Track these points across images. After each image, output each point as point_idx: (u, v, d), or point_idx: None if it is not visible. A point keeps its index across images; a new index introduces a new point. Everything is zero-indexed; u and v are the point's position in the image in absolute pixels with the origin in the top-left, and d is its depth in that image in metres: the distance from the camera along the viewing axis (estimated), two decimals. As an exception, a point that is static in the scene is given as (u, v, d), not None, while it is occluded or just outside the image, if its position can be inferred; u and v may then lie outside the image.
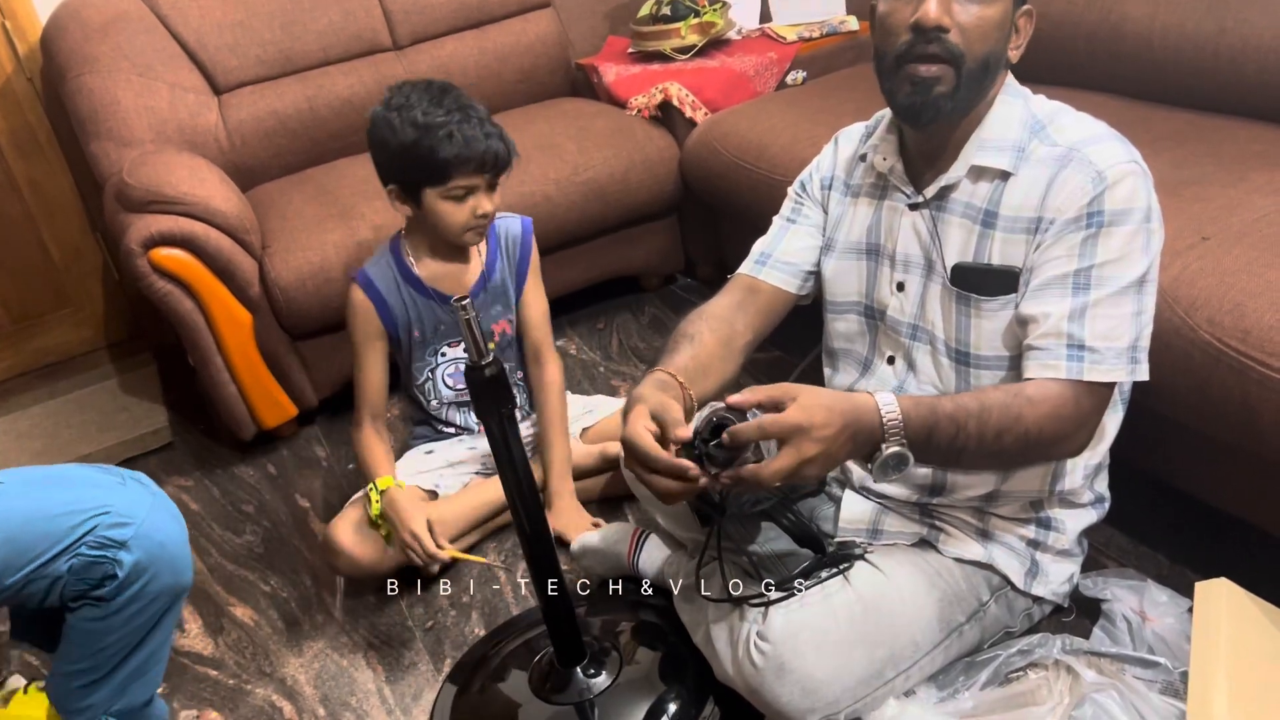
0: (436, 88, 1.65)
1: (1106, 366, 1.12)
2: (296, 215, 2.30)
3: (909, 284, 1.30)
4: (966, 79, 1.14)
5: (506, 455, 1.20)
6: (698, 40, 2.64)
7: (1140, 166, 1.14)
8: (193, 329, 2.11)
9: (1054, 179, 1.15)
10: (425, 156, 1.61)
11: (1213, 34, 1.80)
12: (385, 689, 1.61)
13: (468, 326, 1.12)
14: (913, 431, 1.07)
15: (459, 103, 1.64)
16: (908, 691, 1.26)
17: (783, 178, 2.10)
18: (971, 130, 1.21)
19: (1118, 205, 1.11)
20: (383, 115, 1.63)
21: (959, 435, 1.09)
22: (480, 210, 1.67)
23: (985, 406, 1.10)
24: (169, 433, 2.46)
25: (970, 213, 1.22)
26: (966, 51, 1.12)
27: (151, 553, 1.23)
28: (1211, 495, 1.51)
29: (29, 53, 2.60)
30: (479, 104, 1.67)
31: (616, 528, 1.69)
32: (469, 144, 1.60)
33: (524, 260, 1.86)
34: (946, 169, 1.22)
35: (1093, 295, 1.12)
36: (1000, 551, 1.30)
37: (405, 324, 1.80)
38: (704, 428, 1.07)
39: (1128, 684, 1.25)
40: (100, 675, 1.30)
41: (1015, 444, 1.10)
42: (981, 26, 1.12)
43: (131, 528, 1.22)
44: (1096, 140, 1.15)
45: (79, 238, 2.83)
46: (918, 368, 1.31)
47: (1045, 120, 1.20)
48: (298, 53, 2.59)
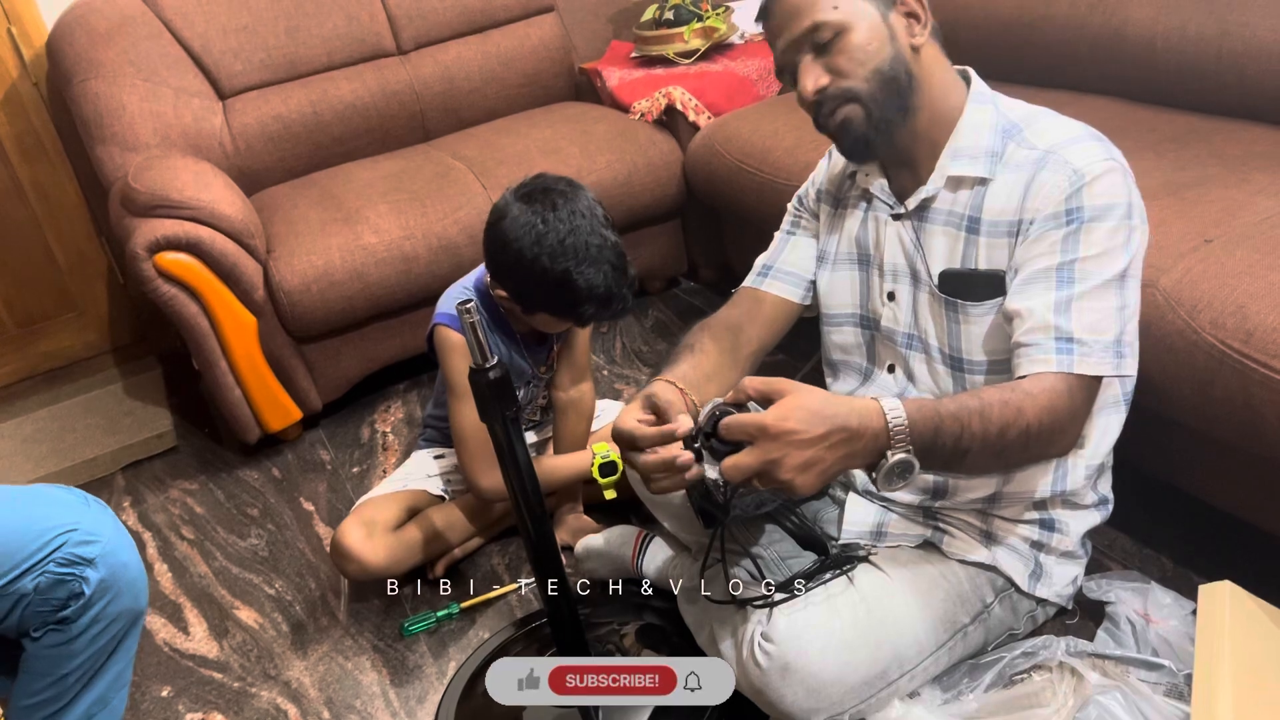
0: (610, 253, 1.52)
1: (1095, 359, 1.12)
2: (301, 219, 2.30)
3: (899, 293, 1.31)
4: (874, 102, 1.18)
5: (510, 458, 1.21)
6: (701, 45, 2.64)
7: (1119, 164, 1.15)
8: (197, 333, 2.12)
9: (1032, 181, 1.16)
10: (562, 298, 1.53)
11: (1215, 37, 1.80)
12: (390, 691, 1.61)
13: (471, 330, 1.12)
14: (918, 434, 1.04)
15: (617, 261, 1.53)
16: (912, 693, 1.26)
17: (786, 181, 2.10)
18: (944, 140, 1.22)
19: (1097, 201, 1.12)
20: (525, 224, 1.49)
21: (963, 435, 1.06)
22: (576, 340, 1.76)
23: (986, 403, 1.08)
24: (174, 436, 2.47)
25: (954, 220, 1.23)
26: (854, 83, 1.17)
27: (115, 572, 1.22)
28: (1214, 497, 1.51)
29: (35, 58, 2.61)
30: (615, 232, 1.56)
31: (620, 530, 1.69)
32: (608, 304, 1.54)
33: None
34: (925, 181, 1.24)
35: (1076, 289, 1.12)
36: (1004, 553, 1.30)
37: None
38: (705, 422, 1.08)
39: (1132, 686, 1.25)
40: (63, 704, 1.27)
41: (1018, 440, 1.08)
42: (854, 55, 1.16)
43: (99, 546, 1.20)
44: (1074, 141, 1.16)
45: (84, 242, 2.83)
46: (916, 376, 1.32)
47: (1022, 123, 1.21)
48: (302, 57, 2.60)
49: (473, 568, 1.83)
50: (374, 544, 1.71)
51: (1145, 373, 1.33)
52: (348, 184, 2.43)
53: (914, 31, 1.19)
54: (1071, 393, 1.11)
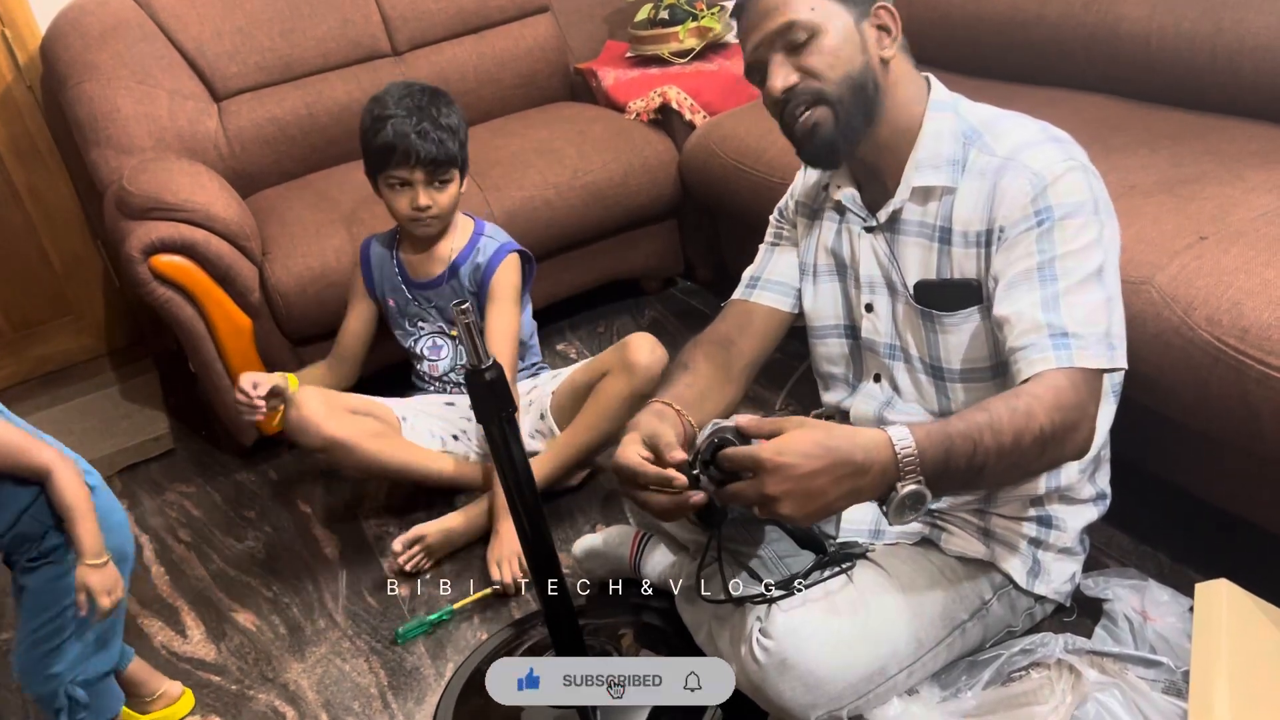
0: (417, 89, 1.81)
1: (1091, 352, 1.11)
2: (296, 221, 2.30)
3: (877, 304, 1.32)
4: (842, 107, 1.18)
5: (507, 457, 1.21)
6: (696, 44, 2.64)
7: (1078, 163, 1.16)
8: (193, 335, 2.12)
9: (995, 189, 1.17)
10: (367, 145, 1.80)
11: (1210, 34, 1.80)
12: (388, 694, 1.61)
13: (467, 330, 1.12)
14: (929, 462, 1.01)
15: (419, 102, 1.78)
16: (911, 690, 1.27)
17: (781, 180, 2.10)
18: (908, 152, 1.23)
19: (1063, 199, 1.13)
20: (364, 107, 1.82)
21: (976, 452, 1.03)
22: (416, 203, 1.82)
23: (994, 415, 1.05)
24: (170, 439, 2.46)
25: (925, 231, 1.24)
26: (825, 86, 1.17)
27: (106, 508, 1.39)
28: (1211, 494, 1.51)
29: (29, 61, 2.60)
30: (454, 110, 1.82)
31: (618, 530, 1.69)
32: (399, 138, 1.75)
33: (483, 286, 1.93)
34: (893, 194, 1.25)
35: (1061, 284, 1.12)
36: (1002, 550, 1.30)
37: (382, 293, 2.00)
38: (704, 447, 1.08)
39: (1130, 683, 1.25)
40: (62, 640, 1.38)
41: (1033, 446, 1.05)
42: (825, 58, 1.17)
43: (95, 478, 1.41)
44: (1031, 145, 1.17)
45: (79, 245, 2.83)
46: (900, 386, 1.33)
47: (982, 128, 1.21)
48: (297, 59, 2.59)
49: (472, 569, 1.83)
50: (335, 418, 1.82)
51: (1141, 370, 1.33)
52: (343, 186, 2.43)
53: (884, 44, 1.21)
54: (1076, 385, 1.09)
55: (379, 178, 1.83)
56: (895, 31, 1.21)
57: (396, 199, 1.83)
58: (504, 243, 1.95)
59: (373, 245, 2.00)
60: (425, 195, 1.81)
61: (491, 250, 1.93)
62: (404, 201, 1.83)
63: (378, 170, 1.82)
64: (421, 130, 1.75)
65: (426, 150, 1.76)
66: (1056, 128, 1.21)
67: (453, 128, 1.80)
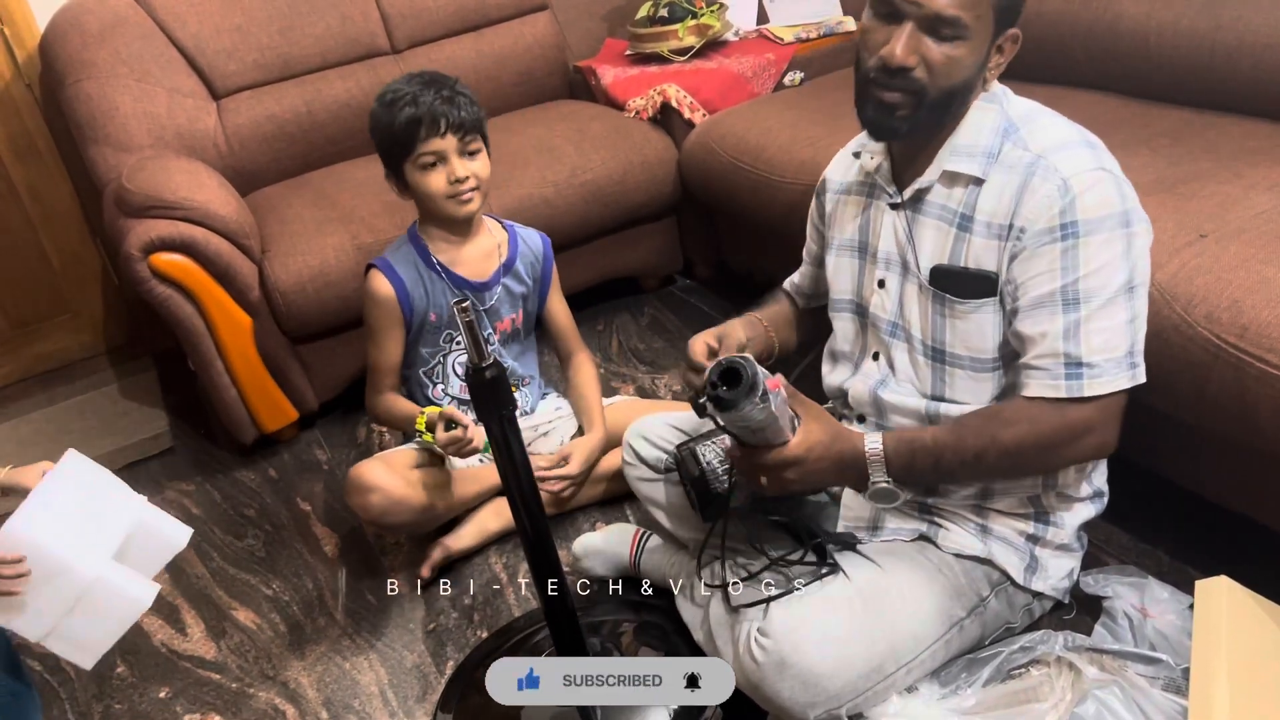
0: (424, 75, 1.71)
1: (1107, 379, 1.13)
2: (296, 219, 2.30)
3: (889, 281, 1.32)
4: (928, 109, 1.17)
5: (507, 456, 1.21)
6: (695, 42, 2.64)
7: (1108, 172, 1.15)
8: (193, 333, 2.12)
9: (1023, 187, 1.16)
10: (390, 129, 1.67)
11: (1208, 31, 1.80)
12: (388, 691, 1.61)
13: (469, 328, 1.12)
14: (895, 467, 1.20)
15: (427, 79, 1.69)
16: (910, 688, 1.27)
17: (780, 178, 2.11)
18: (946, 135, 1.22)
19: (1089, 214, 1.12)
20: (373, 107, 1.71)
21: (940, 463, 1.20)
22: (454, 175, 1.68)
23: (960, 435, 1.19)
24: (169, 437, 2.46)
25: (946, 215, 1.24)
26: (930, 86, 1.15)
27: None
28: (1211, 491, 1.51)
29: (27, 59, 2.60)
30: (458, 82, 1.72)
31: (618, 529, 1.70)
32: (423, 107, 1.65)
33: (547, 275, 1.91)
34: (922, 172, 1.25)
35: (1083, 311, 1.13)
36: (999, 546, 1.31)
37: (423, 309, 1.81)
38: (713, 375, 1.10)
39: (1130, 680, 1.25)
40: None
41: (1000, 460, 1.19)
42: (948, 66, 1.14)
43: None
44: (1064, 147, 1.16)
45: (78, 243, 2.83)
46: (896, 365, 1.33)
47: (1020, 122, 1.21)
48: (295, 57, 2.59)
49: (472, 569, 1.83)
50: (392, 474, 1.76)
51: (1141, 367, 1.33)
52: (342, 183, 2.43)
53: (996, 64, 1.19)
54: (1064, 412, 1.15)
55: (406, 163, 1.69)
56: (1008, 57, 1.20)
57: (431, 179, 1.69)
58: (539, 231, 1.92)
59: (396, 268, 1.78)
60: (461, 165, 1.68)
61: (535, 239, 1.89)
62: (440, 179, 1.68)
63: (405, 154, 1.68)
64: (443, 96, 1.66)
65: (454, 115, 1.66)
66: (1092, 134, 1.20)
67: (470, 95, 1.71)
